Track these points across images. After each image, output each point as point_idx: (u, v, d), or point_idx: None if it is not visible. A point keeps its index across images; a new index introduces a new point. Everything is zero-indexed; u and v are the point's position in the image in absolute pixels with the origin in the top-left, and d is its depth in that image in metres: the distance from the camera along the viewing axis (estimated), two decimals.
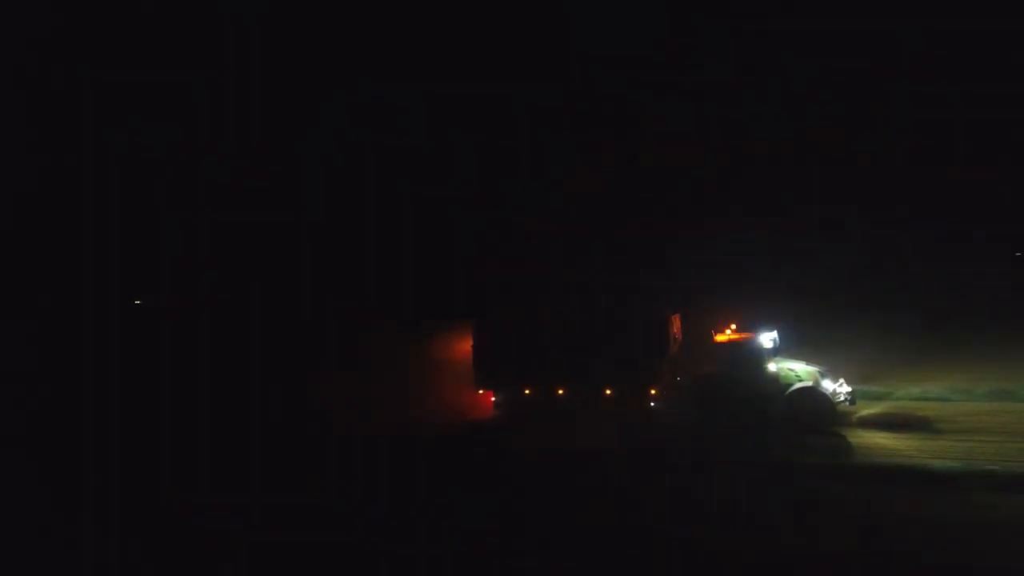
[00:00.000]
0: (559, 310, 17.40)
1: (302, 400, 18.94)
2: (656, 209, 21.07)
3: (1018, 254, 26.05)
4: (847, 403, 15.17)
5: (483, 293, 19.67)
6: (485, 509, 11.61)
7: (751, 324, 15.89)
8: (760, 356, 15.46)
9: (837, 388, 15.22)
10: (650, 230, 20.15)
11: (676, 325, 16.65)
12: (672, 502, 11.25)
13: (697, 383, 15.81)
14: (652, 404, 16.17)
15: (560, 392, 17.00)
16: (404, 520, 10.93)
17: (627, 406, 16.35)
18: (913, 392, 17.79)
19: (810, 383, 15.14)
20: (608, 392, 16.55)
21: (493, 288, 19.94)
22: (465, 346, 18.04)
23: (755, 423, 15.11)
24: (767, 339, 15.57)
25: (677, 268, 18.82)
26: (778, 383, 15.36)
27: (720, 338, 15.90)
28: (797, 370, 15.46)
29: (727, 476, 12.44)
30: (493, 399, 17.69)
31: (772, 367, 15.45)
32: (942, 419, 15.21)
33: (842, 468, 12.45)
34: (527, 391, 17.29)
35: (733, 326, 15.91)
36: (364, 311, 20.30)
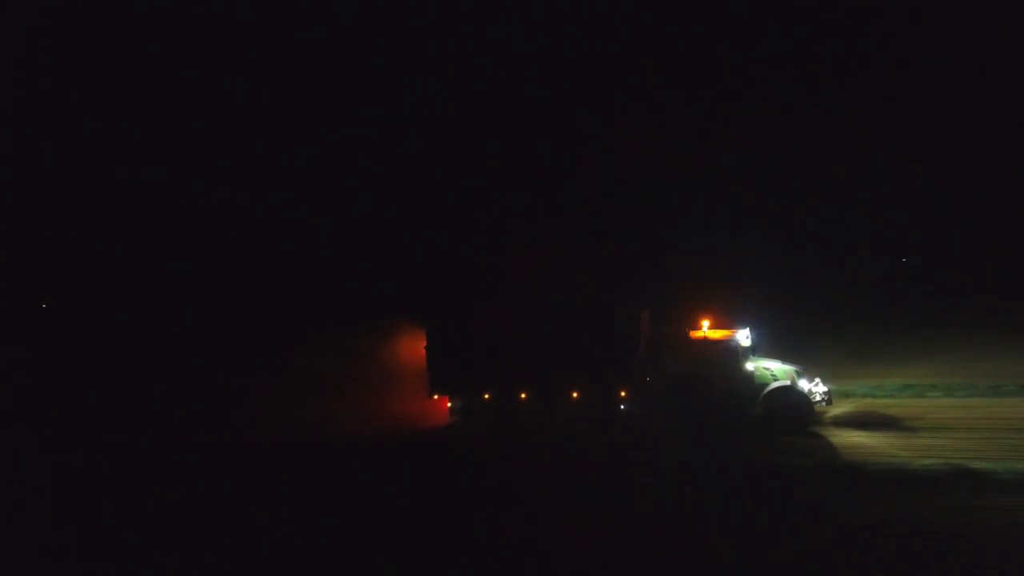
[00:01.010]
0: (521, 308, 16.18)
1: (220, 408, 16.80)
2: (626, 205, 20.26)
3: (903, 260, 26.81)
4: (824, 403, 14.71)
5: (439, 291, 18.14)
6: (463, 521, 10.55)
7: (725, 321, 15.18)
8: (737, 354, 14.76)
9: (813, 387, 14.73)
10: (620, 225, 19.29)
11: (646, 322, 15.74)
12: (659, 508, 10.52)
13: (670, 384, 14.93)
14: (622, 407, 15.19)
15: (523, 396, 15.77)
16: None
17: (595, 409, 15.32)
18: (875, 390, 17.69)
19: (788, 382, 14.57)
20: (575, 395, 15.46)
21: (449, 285, 18.47)
22: (418, 348, 16.48)
23: (732, 425, 14.41)
24: (743, 337, 14.88)
25: (648, 263, 17.97)
26: (754, 383, 14.71)
27: (695, 336, 15.09)
28: (773, 369, 14.87)
29: (711, 481, 11.62)
30: (449, 405, 16.26)
31: (749, 366, 14.79)
32: (911, 416, 14.99)
33: (832, 470, 11.87)
34: (487, 396, 15.97)
35: (707, 323, 15.13)
36: (300, 309, 18.20)
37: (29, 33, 18.93)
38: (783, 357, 15.40)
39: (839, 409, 15.74)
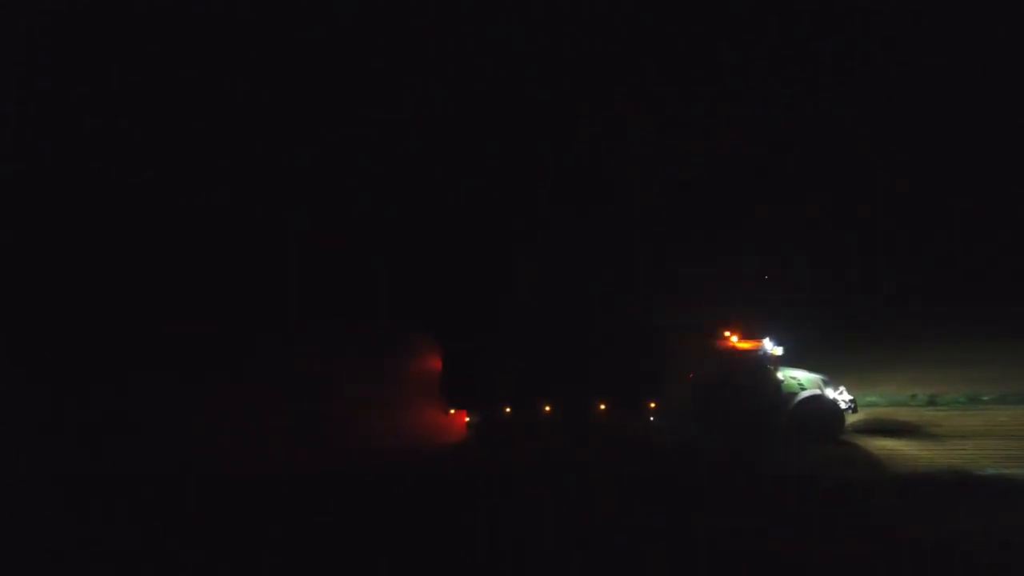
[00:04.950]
0: (545, 318, 15.52)
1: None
2: (655, 212, 19.78)
3: (765, 277, 26.01)
4: (850, 411, 14.76)
5: (457, 300, 17.13)
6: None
7: (752, 331, 15.04)
8: (767, 364, 14.64)
9: (838, 396, 14.77)
10: (648, 233, 18.84)
11: (674, 332, 15.41)
12: (716, 526, 9.26)
13: (701, 395, 14.62)
14: (652, 419, 14.74)
15: (546, 410, 15.07)
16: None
17: (624, 422, 14.81)
18: (876, 400, 18.02)
19: (817, 391, 14.55)
20: (602, 407, 14.91)
21: (469, 295, 17.50)
22: (433, 360, 15.48)
23: (763, 435, 14.22)
24: (772, 346, 14.78)
25: (676, 273, 17.59)
26: (783, 392, 14.61)
27: (724, 346, 14.87)
28: (800, 378, 14.83)
29: (764, 494, 10.97)
30: (467, 420, 15.34)
31: (778, 375, 14.68)
32: (929, 424, 15.22)
33: (901, 482, 11.40)
34: (507, 410, 15.18)
35: (735, 333, 14.95)
36: (306, 317, 16.65)
37: (29, 33, 17.25)
38: (811, 366, 15.38)
39: (852, 418, 15.78)
